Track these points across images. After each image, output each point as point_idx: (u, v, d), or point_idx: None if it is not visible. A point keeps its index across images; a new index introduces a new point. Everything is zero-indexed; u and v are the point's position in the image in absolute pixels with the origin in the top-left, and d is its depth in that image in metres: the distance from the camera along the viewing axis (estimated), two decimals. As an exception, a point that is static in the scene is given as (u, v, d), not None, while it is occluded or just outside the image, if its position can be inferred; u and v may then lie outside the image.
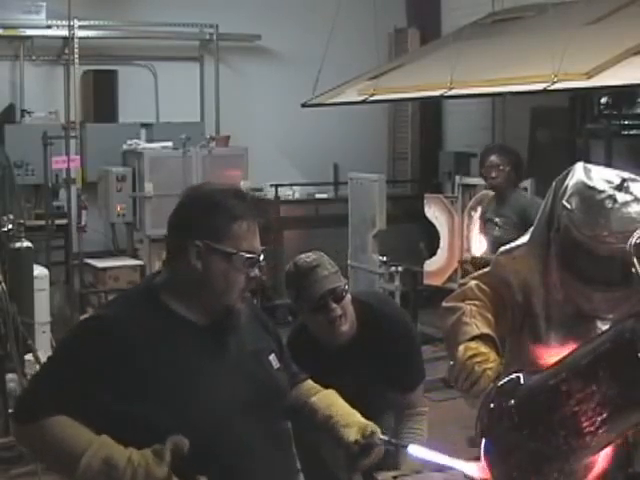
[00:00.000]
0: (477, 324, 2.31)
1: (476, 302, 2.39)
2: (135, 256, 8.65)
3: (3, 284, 5.23)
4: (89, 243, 8.33)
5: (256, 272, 2.22)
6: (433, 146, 9.90)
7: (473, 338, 2.26)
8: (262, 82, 9.67)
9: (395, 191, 9.51)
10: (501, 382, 1.99)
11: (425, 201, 7.74)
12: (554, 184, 2.30)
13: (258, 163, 8.85)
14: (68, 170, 7.62)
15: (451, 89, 6.55)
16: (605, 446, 1.87)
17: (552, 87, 5.64)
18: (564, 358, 1.93)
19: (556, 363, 1.95)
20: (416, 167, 10.23)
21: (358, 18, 9.03)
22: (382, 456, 2.41)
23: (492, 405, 1.97)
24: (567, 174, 2.25)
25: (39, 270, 6.61)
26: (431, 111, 10.09)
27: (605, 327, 2.12)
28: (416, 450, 2.25)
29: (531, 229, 2.42)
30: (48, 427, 2.06)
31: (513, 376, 1.97)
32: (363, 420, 2.41)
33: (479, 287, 2.45)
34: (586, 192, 2.15)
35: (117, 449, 2.01)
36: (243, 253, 2.17)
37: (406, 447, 2.29)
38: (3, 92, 8.77)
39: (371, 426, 2.39)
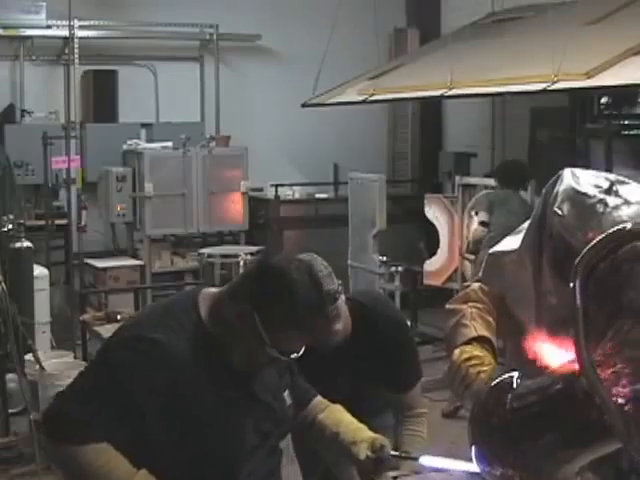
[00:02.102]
0: (476, 327, 2.33)
1: (478, 304, 2.41)
2: (135, 256, 8.66)
3: (3, 284, 5.23)
4: (89, 243, 8.32)
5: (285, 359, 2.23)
6: (433, 146, 9.90)
7: (470, 341, 2.29)
8: (262, 82, 9.67)
9: (395, 191, 9.49)
10: (494, 382, 1.98)
11: (425, 201, 7.73)
12: (544, 191, 2.33)
13: (258, 163, 8.85)
14: (68, 170, 7.61)
15: (451, 89, 6.56)
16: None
17: (552, 87, 5.64)
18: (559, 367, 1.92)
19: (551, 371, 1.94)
20: (416, 167, 10.23)
21: (358, 18, 9.04)
22: (397, 467, 2.45)
23: (486, 406, 1.96)
24: (556, 181, 2.28)
25: (39, 270, 6.62)
26: (431, 111, 10.09)
27: None
28: (428, 460, 2.24)
29: (521, 235, 2.45)
30: (86, 453, 2.06)
31: (506, 376, 1.96)
32: (371, 434, 2.43)
33: (482, 289, 2.46)
34: (577, 198, 2.17)
35: None
36: (273, 350, 2.16)
37: (417, 459, 2.29)
38: (3, 92, 8.77)
39: (380, 439, 2.42)
